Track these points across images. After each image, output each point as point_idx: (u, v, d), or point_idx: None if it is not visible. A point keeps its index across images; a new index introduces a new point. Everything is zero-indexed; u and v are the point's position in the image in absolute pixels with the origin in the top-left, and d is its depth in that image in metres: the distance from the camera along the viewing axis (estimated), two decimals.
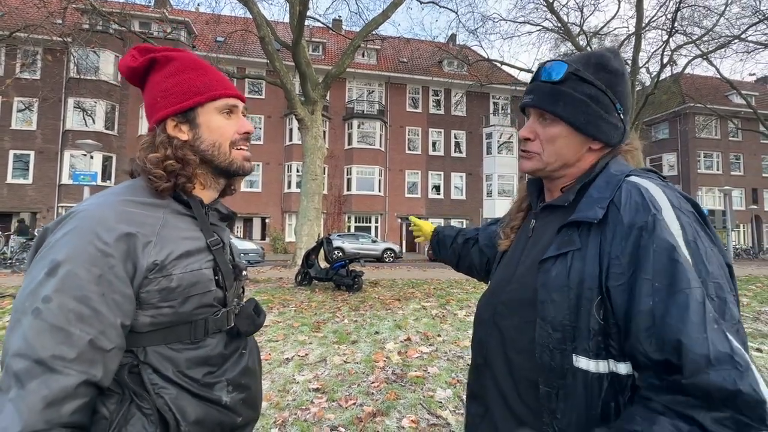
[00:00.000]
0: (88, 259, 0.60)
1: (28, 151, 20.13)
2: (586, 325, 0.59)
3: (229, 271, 0.77)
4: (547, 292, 0.64)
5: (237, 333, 0.77)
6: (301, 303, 6.10)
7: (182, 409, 0.66)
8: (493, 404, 0.73)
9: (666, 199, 0.60)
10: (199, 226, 0.75)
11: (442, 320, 4.92)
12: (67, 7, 10.91)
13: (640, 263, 0.56)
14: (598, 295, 0.59)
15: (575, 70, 0.69)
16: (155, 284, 0.65)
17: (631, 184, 0.63)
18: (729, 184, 25.91)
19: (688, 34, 14.85)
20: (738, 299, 0.57)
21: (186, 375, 0.68)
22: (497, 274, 0.82)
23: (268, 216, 23.12)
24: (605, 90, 0.68)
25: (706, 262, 0.54)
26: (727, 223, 17.82)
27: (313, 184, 11.22)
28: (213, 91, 0.76)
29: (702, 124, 26.57)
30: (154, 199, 0.71)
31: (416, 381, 2.92)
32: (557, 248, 0.65)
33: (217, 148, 0.77)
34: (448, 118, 26.04)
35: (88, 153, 11.87)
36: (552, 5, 15.73)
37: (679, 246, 0.55)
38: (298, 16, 10.32)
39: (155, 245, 0.66)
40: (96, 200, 0.67)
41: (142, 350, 0.66)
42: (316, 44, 24.24)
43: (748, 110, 20.98)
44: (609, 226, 0.61)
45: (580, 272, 0.61)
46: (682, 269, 0.53)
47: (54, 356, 0.56)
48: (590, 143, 0.70)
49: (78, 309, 0.58)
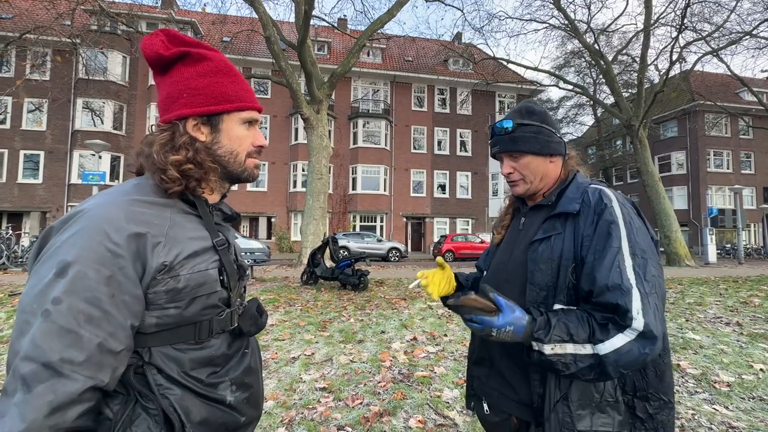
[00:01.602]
0: (98, 259, 0.59)
1: (38, 151, 20.42)
2: (563, 284, 0.86)
3: (233, 272, 0.77)
4: (536, 263, 0.90)
5: (240, 333, 0.78)
6: (307, 302, 6.11)
7: (187, 409, 0.66)
8: (498, 361, 0.97)
9: (614, 198, 0.89)
10: (204, 226, 0.74)
11: (448, 320, 4.90)
12: (75, 9, 11.02)
13: (594, 235, 0.85)
14: (572, 263, 0.86)
15: (519, 121, 0.99)
16: (163, 285, 0.65)
17: (593, 189, 0.93)
18: (739, 182, 25.54)
19: (698, 31, 14.61)
20: (660, 264, 0.84)
21: (190, 375, 0.68)
22: (496, 258, 1.07)
23: (274, 215, 23.22)
24: (540, 125, 0.99)
25: (636, 235, 0.83)
26: (737, 223, 17.55)
27: (319, 184, 11.25)
28: (242, 102, 0.77)
29: (712, 121, 26.15)
30: (162, 199, 0.70)
31: (423, 381, 2.91)
32: (544, 232, 0.92)
33: (234, 156, 0.78)
34: (454, 116, 25.94)
35: (97, 153, 12.02)
36: (559, 2, 15.57)
37: (618, 223, 0.83)
38: (303, 15, 10.33)
39: (164, 246, 0.65)
40: (103, 199, 0.66)
41: (147, 351, 0.66)
42: (321, 44, 24.26)
43: (759, 107, 20.64)
44: (581, 216, 0.89)
45: (560, 248, 0.88)
46: (611, 237, 0.82)
47: (63, 359, 0.55)
48: (549, 158, 1.00)
49: (88, 311, 0.57)
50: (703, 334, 4.23)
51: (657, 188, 14.79)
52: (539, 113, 1.00)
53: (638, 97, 14.92)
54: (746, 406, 2.52)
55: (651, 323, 0.75)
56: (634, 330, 0.74)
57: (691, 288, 7.89)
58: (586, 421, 0.80)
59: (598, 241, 0.83)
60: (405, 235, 24.48)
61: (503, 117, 1.03)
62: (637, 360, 0.75)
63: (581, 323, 0.78)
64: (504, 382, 0.95)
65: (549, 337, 0.78)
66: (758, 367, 3.20)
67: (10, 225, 18.29)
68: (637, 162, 15.53)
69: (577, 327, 0.78)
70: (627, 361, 0.74)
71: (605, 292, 0.78)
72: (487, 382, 0.99)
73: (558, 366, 0.78)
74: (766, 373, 3.08)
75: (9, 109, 19.77)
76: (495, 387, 0.97)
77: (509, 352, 0.92)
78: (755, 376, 3.02)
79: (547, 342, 0.78)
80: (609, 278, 0.78)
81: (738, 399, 2.63)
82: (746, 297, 6.65)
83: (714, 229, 17.64)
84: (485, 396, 1.00)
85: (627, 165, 30.44)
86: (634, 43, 17.12)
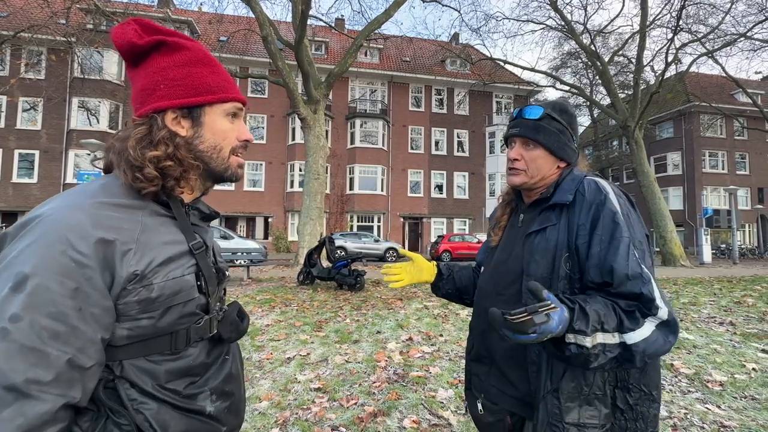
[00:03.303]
0: (61, 270, 0.53)
1: (33, 151, 20.28)
2: (558, 275, 0.86)
3: (212, 276, 0.71)
4: (531, 254, 0.90)
5: (220, 339, 0.73)
6: (303, 302, 6.10)
7: (164, 423, 0.62)
8: (498, 357, 0.96)
9: (610, 189, 0.89)
10: (180, 229, 0.68)
11: (444, 320, 4.91)
12: (70, 8, 10.96)
13: (596, 225, 0.84)
14: (566, 252, 0.86)
15: (549, 113, 0.96)
16: (134, 295, 0.59)
17: (588, 180, 0.92)
18: (734, 183, 25.69)
19: (694, 32, 14.72)
20: (652, 255, 0.88)
21: (166, 388, 0.63)
22: (496, 256, 1.04)
23: (271, 215, 23.16)
24: (567, 126, 0.98)
25: (633, 227, 0.84)
26: (732, 223, 17.69)
27: (316, 184, 11.23)
28: (225, 93, 0.72)
29: (707, 123, 26.32)
30: (132, 200, 0.64)
31: (418, 381, 2.91)
32: (539, 224, 0.93)
33: (218, 151, 0.72)
34: (451, 117, 25.98)
35: (93, 152, 11.95)
36: (555, 3, 15.64)
37: (619, 213, 0.84)
38: (300, 15, 10.31)
39: (135, 253, 0.60)
40: (66, 201, 0.59)
41: (119, 364, 0.60)
42: (318, 43, 24.24)
43: (754, 109, 20.78)
44: (576, 206, 0.88)
45: (555, 239, 0.88)
46: (618, 227, 0.82)
47: (28, 380, 0.50)
48: (559, 163, 0.98)
49: (52, 326, 0.52)
50: (697, 334, 4.26)
51: (653, 189, 14.88)
52: (570, 115, 0.99)
53: (634, 98, 15.01)
54: (738, 405, 2.54)
55: (672, 312, 0.76)
56: (659, 318, 0.75)
57: (686, 288, 7.94)
58: (574, 414, 0.81)
59: (603, 231, 0.82)
60: (402, 235, 24.49)
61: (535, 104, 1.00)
62: (662, 348, 0.75)
63: (608, 311, 0.76)
64: (503, 379, 0.94)
65: (589, 327, 0.73)
66: (750, 366, 3.22)
67: (4, 225, 18.15)
68: (633, 162, 15.62)
69: (606, 315, 0.75)
70: (654, 350, 0.74)
71: (626, 281, 0.77)
72: (486, 379, 0.99)
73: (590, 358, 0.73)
74: (759, 373, 3.10)
75: (4, 108, 19.63)
76: (494, 383, 0.96)
77: (511, 348, 0.91)
78: (747, 376, 3.04)
79: (589, 334, 0.73)
80: (628, 267, 0.77)
81: (730, 398, 2.65)
82: (740, 297, 6.70)
83: (709, 229, 17.77)
84: (483, 392, 0.99)
85: (623, 165, 30.58)
86: (630, 45, 17.23)
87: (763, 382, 2.92)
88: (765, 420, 2.34)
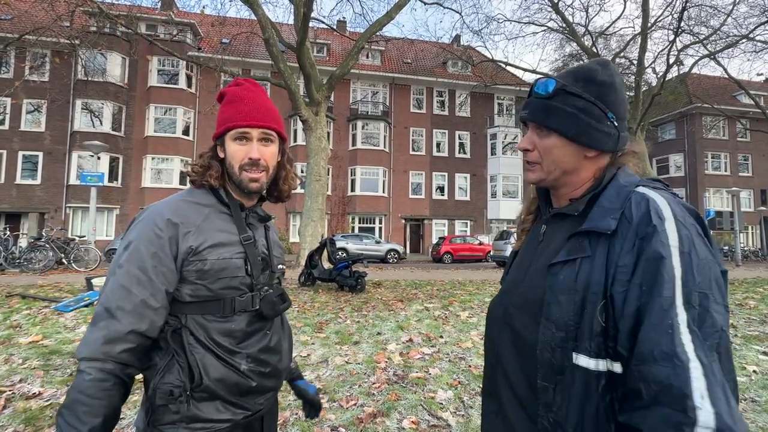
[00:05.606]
0: (148, 239, 0.82)
1: (36, 152, 20.40)
2: (589, 327, 0.62)
3: (257, 263, 0.93)
4: (554, 294, 0.67)
5: (261, 315, 0.92)
6: (304, 303, 6.12)
7: (206, 367, 0.83)
8: (505, 401, 0.76)
9: (670, 211, 0.62)
10: (235, 224, 0.93)
11: (444, 321, 4.91)
12: (75, 10, 11.04)
13: (636, 271, 0.60)
14: (602, 299, 0.62)
15: (563, 86, 0.72)
16: (192, 266, 0.85)
17: (640, 195, 0.65)
18: (737, 185, 25.59)
19: (695, 34, 14.72)
20: (727, 307, 0.60)
21: (213, 340, 0.85)
22: (510, 275, 0.86)
23: (273, 216, 23.15)
24: (595, 101, 0.70)
25: (696, 272, 0.57)
26: (734, 225, 17.62)
27: (317, 185, 11.26)
28: (230, 123, 0.92)
29: (709, 124, 26.27)
30: (203, 201, 0.92)
31: (417, 382, 2.92)
32: (567, 254, 0.68)
33: (232, 168, 0.93)
34: (453, 118, 26.00)
35: (96, 154, 12.01)
36: (557, 5, 15.66)
37: (671, 256, 0.58)
38: (302, 17, 10.37)
39: (193, 234, 0.86)
40: (164, 200, 0.91)
41: (184, 317, 0.85)
42: (320, 45, 24.31)
43: (756, 110, 20.72)
44: (618, 237, 0.63)
45: (587, 277, 0.64)
46: (663, 280, 0.57)
47: (118, 307, 0.78)
48: (585, 152, 0.73)
49: (138, 275, 0.80)
50: None
51: None
52: (600, 84, 0.71)
53: (636, 100, 15.00)
54: (739, 408, 2.53)
55: (725, 415, 0.51)
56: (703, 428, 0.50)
57: None
58: None
59: (644, 281, 0.59)
60: (404, 237, 24.49)
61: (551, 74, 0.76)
62: None
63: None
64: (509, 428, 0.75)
65: None
66: (751, 369, 3.22)
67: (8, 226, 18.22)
68: None
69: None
70: None
71: (649, 363, 0.54)
72: (494, 422, 0.80)
73: None
74: (759, 375, 3.10)
75: (8, 110, 19.73)
76: (500, 429, 0.78)
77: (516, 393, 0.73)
78: (748, 378, 3.03)
79: None
80: (657, 342, 0.54)
81: None
82: (742, 299, 6.68)
83: (712, 231, 17.67)
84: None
85: None
86: (631, 46, 17.23)
87: (764, 384, 2.91)
88: (765, 422, 2.34)
